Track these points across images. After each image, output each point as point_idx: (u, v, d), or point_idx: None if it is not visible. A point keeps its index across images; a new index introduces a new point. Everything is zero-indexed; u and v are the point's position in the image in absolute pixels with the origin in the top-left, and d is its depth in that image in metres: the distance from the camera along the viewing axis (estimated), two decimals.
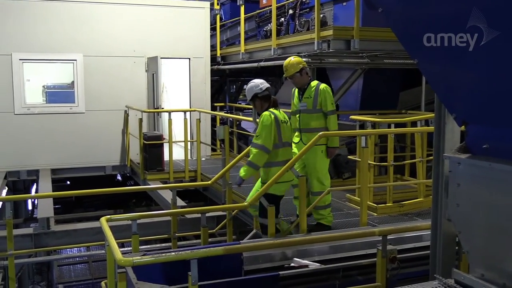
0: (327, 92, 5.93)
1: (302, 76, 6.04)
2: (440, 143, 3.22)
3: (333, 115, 5.98)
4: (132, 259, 3.46)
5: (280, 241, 4.67)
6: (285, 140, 5.60)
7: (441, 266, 3.20)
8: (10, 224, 5.48)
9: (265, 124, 5.41)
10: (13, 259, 5.49)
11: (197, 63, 11.52)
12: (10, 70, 10.34)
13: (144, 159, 9.39)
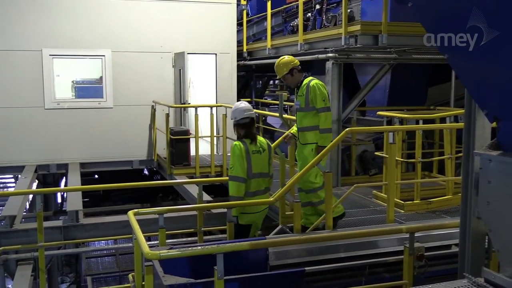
0: (318, 89, 5.75)
1: (293, 76, 5.97)
2: (470, 140, 3.16)
3: (325, 112, 5.74)
4: (159, 253, 3.49)
5: (306, 237, 4.65)
6: (256, 171, 5.45)
7: (470, 264, 3.14)
8: (40, 217, 5.59)
9: (233, 154, 5.38)
10: (43, 250, 5.61)
11: (224, 58, 11.55)
12: (41, 65, 10.53)
13: (171, 153, 9.47)
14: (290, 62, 5.98)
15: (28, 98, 10.49)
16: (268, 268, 4.56)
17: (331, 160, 7.91)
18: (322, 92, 5.77)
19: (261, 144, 5.55)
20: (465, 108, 3.19)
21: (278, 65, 6.02)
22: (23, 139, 10.51)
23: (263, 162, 5.53)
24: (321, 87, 5.80)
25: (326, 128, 5.75)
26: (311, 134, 5.86)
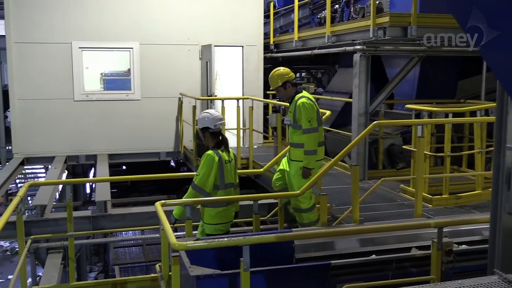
0: (303, 108, 5.56)
1: (286, 89, 5.82)
2: (502, 134, 3.09)
3: (309, 134, 5.56)
4: (186, 244, 3.52)
5: (332, 230, 4.63)
6: (228, 181, 5.29)
7: (500, 260, 3.09)
8: (70, 206, 5.69)
9: (206, 163, 5.13)
10: (73, 239, 5.71)
11: (250, 51, 11.54)
12: (70, 58, 10.69)
13: (197, 146, 9.52)
14: (285, 74, 5.81)
15: (58, 90, 10.68)
16: (293, 261, 4.55)
17: (358, 153, 7.86)
18: (308, 112, 5.57)
19: (231, 155, 5.38)
20: (497, 102, 3.12)
21: (272, 76, 5.88)
22: (53, 130, 10.71)
23: (233, 172, 5.38)
24: (308, 106, 5.59)
25: (310, 150, 5.60)
26: (298, 152, 5.73)
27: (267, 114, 11.50)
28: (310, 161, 5.60)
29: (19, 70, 10.48)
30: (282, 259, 4.47)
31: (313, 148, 5.61)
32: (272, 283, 3.83)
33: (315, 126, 5.63)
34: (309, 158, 5.60)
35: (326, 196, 5.46)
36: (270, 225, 7.14)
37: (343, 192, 6.97)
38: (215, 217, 5.19)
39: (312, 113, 5.59)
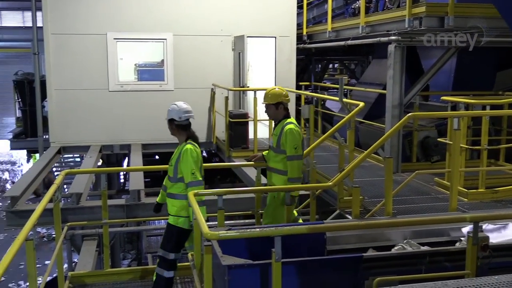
0: (291, 134, 5.44)
1: (277, 110, 5.67)
2: None
3: (294, 161, 5.45)
4: (218, 233, 3.54)
5: (365, 223, 4.59)
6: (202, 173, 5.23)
7: None
8: (105, 195, 5.79)
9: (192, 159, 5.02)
10: (107, 227, 5.81)
11: (283, 41, 11.48)
12: (105, 49, 10.85)
13: (229, 136, 9.56)
14: (281, 95, 5.66)
15: (93, 80, 10.86)
16: (325, 253, 4.54)
17: (392, 146, 7.76)
18: (295, 139, 5.46)
19: None
20: None
21: (268, 93, 5.75)
22: (89, 120, 10.91)
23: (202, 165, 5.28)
24: (295, 133, 5.49)
25: (294, 178, 5.49)
26: (278, 178, 5.64)
27: (299, 106, 11.46)
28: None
29: (56, 61, 10.70)
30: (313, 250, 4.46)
31: (298, 176, 5.50)
32: (303, 275, 3.82)
33: (300, 153, 5.54)
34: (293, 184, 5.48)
35: (358, 189, 5.42)
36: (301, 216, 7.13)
37: (376, 184, 6.91)
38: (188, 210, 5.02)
39: (298, 141, 5.50)
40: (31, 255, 3.78)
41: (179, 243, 5.18)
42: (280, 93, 5.68)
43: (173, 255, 5.14)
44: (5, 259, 3.19)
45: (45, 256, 13.02)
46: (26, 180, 8.21)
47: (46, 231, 15.95)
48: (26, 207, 7.27)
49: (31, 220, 3.99)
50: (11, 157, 23.65)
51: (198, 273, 4.45)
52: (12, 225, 7.06)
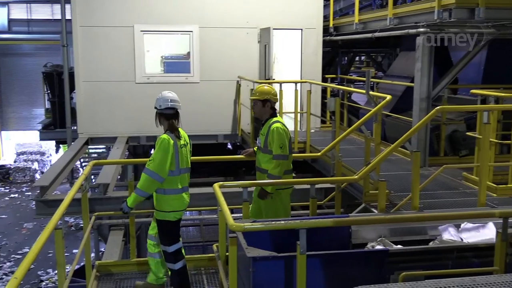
0: (277, 133, 5.37)
1: (264, 107, 5.58)
2: None
3: (278, 160, 5.38)
4: (244, 225, 3.55)
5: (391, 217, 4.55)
6: (183, 166, 5.05)
7: None
8: (131, 186, 5.85)
9: (161, 148, 4.89)
10: (133, 218, 5.88)
11: (309, 34, 11.41)
12: (132, 41, 10.95)
13: (255, 129, 9.56)
14: (269, 93, 5.59)
15: (120, 72, 10.98)
16: (350, 246, 4.52)
17: (419, 139, 7.66)
18: (281, 138, 5.39)
19: (184, 138, 5.20)
20: None
21: (256, 89, 5.69)
22: (116, 112, 11.04)
23: (187, 157, 5.17)
24: (282, 132, 5.42)
25: (274, 175, 5.41)
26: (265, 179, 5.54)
27: (325, 98, 11.39)
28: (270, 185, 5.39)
29: (84, 53, 10.84)
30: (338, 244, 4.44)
31: (277, 174, 5.41)
32: (328, 268, 3.81)
33: (286, 153, 5.46)
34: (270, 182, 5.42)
35: (384, 182, 5.38)
36: (326, 210, 7.12)
37: (402, 178, 6.83)
38: (174, 204, 5.01)
39: (284, 140, 5.43)
40: (60, 244, 3.85)
41: (171, 235, 5.11)
42: (268, 91, 5.61)
43: (171, 248, 5.08)
44: (35, 248, 3.25)
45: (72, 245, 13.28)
46: (54, 170, 8.36)
47: (74, 220, 16.24)
48: (55, 196, 7.41)
49: (60, 209, 4.06)
50: (40, 148, 24.11)
51: (223, 264, 4.47)
52: (41, 214, 7.20)
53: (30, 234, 15.56)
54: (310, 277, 3.56)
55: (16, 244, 14.71)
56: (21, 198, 19.65)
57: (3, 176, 22.14)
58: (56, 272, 12.21)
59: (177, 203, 5.04)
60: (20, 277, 2.84)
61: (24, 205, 18.65)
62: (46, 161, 23.59)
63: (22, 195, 20.09)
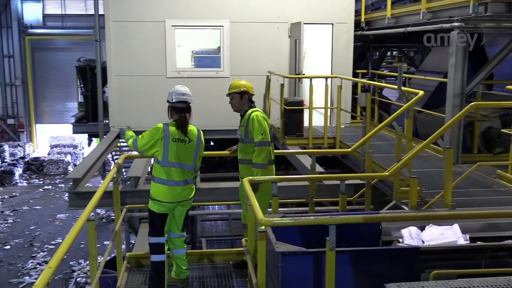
0: (257, 121, 5.38)
1: (242, 100, 5.57)
2: None
3: (261, 147, 5.34)
4: (273, 220, 3.55)
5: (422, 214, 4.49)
6: (174, 160, 4.95)
7: None
8: None
9: (149, 132, 5.04)
10: None
11: (340, 28, 11.31)
12: (164, 36, 11.04)
13: (284, 124, 9.54)
14: (245, 85, 5.62)
15: (151, 67, 11.09)
16: (380, 243, 4.47)
17: (452, 136, 7.52)
18: (262, 125, 5.39)
19: (190, 134, 5.11)
20: None
21: (232, 84, 5.73)
22: (147, 105, 11.15)
23: (186, 153, 5.05)
24: (261, 119, 5.42)
25: (259, 164, 5.34)
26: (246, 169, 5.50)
27: (355, 94, 11.29)
28: (257, 175, 5.32)
29: (117, 48, 10.99)
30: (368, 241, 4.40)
31: (263, 162, 5.36)
32: (358, 264, 3.78)
33: (268, 139, 5.41)
34: (256, 171, 5.34)
35: (416, 179, 5.30)
36: (356, 206, 7.06)
37: (434, 175, 6.72)
38: (158, 193, 4.96)
39: (265, 127, 5.41)
40: (92, 235, 3.92)
41: (153, 226, 5.06)
42: (244, 84, 5.65)
43: (151, 239, 5.05)
44: (68, 238, 3.32)
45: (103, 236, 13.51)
46: (87, 163, 8.50)
47: (105, 212, 16.52)
48: (87, 189, 7.54)
49: (92, 201, 4.13)
50: (73, 141, 24.58)
51: (252, 258, 4.48)
52: (74, 206, 7.34)
53: (62, 225, 15.90)
54: (339, 273, 3.53)
55: (49, 235, 15.05)
56: (54, 190, 20.10)
57: (37, 168, 22.65)
58: (87, 262, 12.45)
59: (162, 193, 4.95)
60: (54, 267, 2.90)
61: (57, 197, 19.07)
62: (79, 154, 24.03)
63: (55, 187, 20.54)
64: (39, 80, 25.49)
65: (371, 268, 3.81)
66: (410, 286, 2.51)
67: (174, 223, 5.16)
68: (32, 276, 12.04)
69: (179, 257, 5.26)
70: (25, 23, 24.80)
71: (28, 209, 17.56)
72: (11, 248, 14.08)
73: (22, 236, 14.98)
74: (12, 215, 16.97)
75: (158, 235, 5.04)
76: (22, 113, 25.41)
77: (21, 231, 15.41)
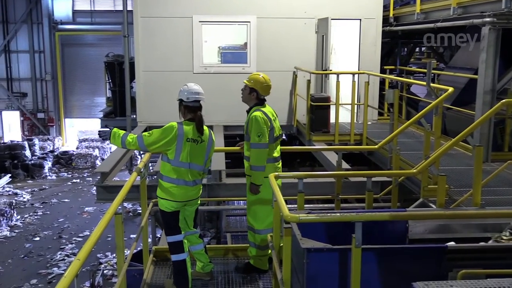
0: (255, 122, 5.23)
1: (249, 95, 5.44)
2: None
3: (257, 149, 5.22)
4: (299, 216, 3.54)
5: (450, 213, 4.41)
6: (186, 160, 4.82)
7: None
8: None
9: (163, 129, 4.84)
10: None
11: (368, 24, 11.20)
12: (191, 31, 11.10)
13: (311, 120, 9.50)
14: (261, 84, 5.47)
15: (179, 62, 11.16)
16: (406, 241, 4.42)
17: (482, 134, 7.39)
18: (260, 127, 5.22)
19: (206, 134, 5.04)
20: None
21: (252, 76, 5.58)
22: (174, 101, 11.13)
23: (198, 153, 4.93)
24: (260, 120, 5.25)
25: (256, 166, 5.24)
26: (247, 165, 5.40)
27: (383, 90, 11.17)
28: (257, 177, 5.25)
29: (144, 43, 11.09)
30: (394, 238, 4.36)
31: (260, 164, 5.25)
32: (384, 262, 3.75)
33: (265, 142, 5.26)
34: (255, 174, 5.26)
35: (444, 177, 5.22)
36: (382, 203, 6.99)
37: (463, 173, 6.61)
38: (167, 192, 4.87)
39: (262, 129, 5.25)
40: (120, 229, 3.97)
41: (167, 225, 5.01)
42: (261, 82, 5.47)
43: (169, 238, 4.99)
44: (96, 231, 3.37)
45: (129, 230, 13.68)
46: (114, 157, 8.61)
47: (132, 206, 16.73)
48: (115, 182, 7.65)
49: (120, 195, 4.18)
50: None
51: (277, 254, 4.48)
52: (101, 199, 7.45)
53: (90, 218, 16.16)
54: (365, 271, 3.51)
55: (77, 227, 15.32)
56: (82, 183, 20.43)
57: (66, 162, 23.06)
58: (114, 255, 12.64)
59: (171, 192, 4.86)
60: (82, 259, 2.95)
61: (85, 190, 19.39)
62: (106, 148, 24.38)
63: (84, 181, 20.88)
64: (69, 75, 25.92)
65: (397, 266, 3.77)
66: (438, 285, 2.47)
67: (184, 222, 5.08)
68: (61, 268, 12.28)
69: (198, 253, 5.26)
70: (55, 19, 25.24)
71: (57, 202, 17.90)
72: (41, 239, 14.38)
73: (51, 228, 15.28)
74: (42, 207, 17.32)
75: (174, 233, 4.98)
76: (52, 108, 25.91)
77: (50, 223, 15.72)
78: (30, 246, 13.87)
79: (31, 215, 16.41)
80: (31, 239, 14.38)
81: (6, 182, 19.98)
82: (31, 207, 17.36)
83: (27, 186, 19.89)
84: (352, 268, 3.45)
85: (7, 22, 25.01)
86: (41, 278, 11.92)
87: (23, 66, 25.55)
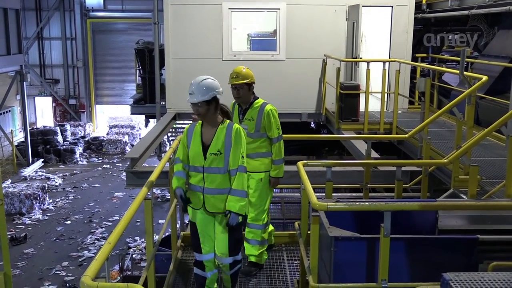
0: (273, 116, 5.13)
1: (250, 91, 5.25)
2: None
3: (279, 141, 5.17)
4: (327, 204, 3.52)
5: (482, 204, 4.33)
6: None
7: None
8: None
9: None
10: None
11: (400, 11, 11.00)
12: (220, 19, 11.09)
13: (340, 108, 9.43)
14: (252, 75, 5.28)
15: (208, 50, 11.18)
16: (436, 232, 4.36)
17: None
18: (277, 119, 5.18)
19: None
20: None
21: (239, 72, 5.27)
22: None
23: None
24: (276, 113, 5.20)
25: (281, 159, 5.16)
26: (259, 163, 5.20)
27: (414, 78, 10.99)
28: (280, 170, 5.17)
29: (174, 30, 11.14)
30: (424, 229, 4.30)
31: (283, 157, 5.20)
32: (413, 252, 3.71)
33: (281, 133, 5.22)
34: (279, 167, 5.17)
35: (477, 167, 5.11)
36: (411, 193, 6.91)
37: (496, 164, 6.47)
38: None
39: (278, 120, 5.23)
40: (149, 214, 4.02)
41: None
42: (250, 73, 5.31)
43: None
44: (127, 216, 3.42)
45: (158, 215, 13.86)
46: (144, 143, 8.71)
47: (160, 192, 16.93)
48: (144, 168, 7.73)
49: (150, 180, 4.22)
50: (130, 121, 25.24)
51: (304, 242, 4.48)
52: (131, 185, 7.55)
53: (120, 203, 16.43)
54: (393, 260, 3.48)
55: (107, 212, 15.60)
56: (112, 169, 20.76)
57: (97, 147, 23.45)
58: (143, 240, 12.83)
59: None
60: (113, 242, 3.00)
61: (115, 176, 19.69)
62: (136, 135, 24.68)
63: (113, 166, 21.20)
64: (99, 62, 26.25)
65: (426, 257, 3.73)
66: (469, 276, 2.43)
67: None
68: (91, 251, 12.54)
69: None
70: (87, 7, 25.54)
71: (87, 187, 18.24)
72: (72, 223, 14.70)
73: (81, 212, 15.60)
74: (73, 192, 17.68)
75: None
76: (83, 94, 26.31)
77: (81, 207, 16.05)
78: (61, 229, 14.20)
79: (62, 199, 16.77)
80: (63, 223, 14.72)
81: (39, 166, 20.45)
82: (62, 191, 17.74)
83: (59, 171, 20.32)
84: (380, 258, 3.43)
85: (40, 9, 25.42)
86: (72, 260, 12.20)
87: (55, 53, 25.98)
